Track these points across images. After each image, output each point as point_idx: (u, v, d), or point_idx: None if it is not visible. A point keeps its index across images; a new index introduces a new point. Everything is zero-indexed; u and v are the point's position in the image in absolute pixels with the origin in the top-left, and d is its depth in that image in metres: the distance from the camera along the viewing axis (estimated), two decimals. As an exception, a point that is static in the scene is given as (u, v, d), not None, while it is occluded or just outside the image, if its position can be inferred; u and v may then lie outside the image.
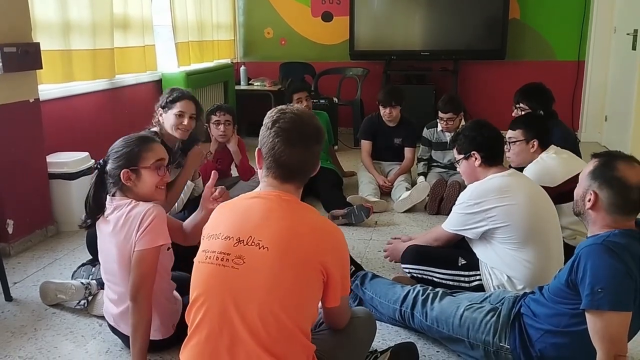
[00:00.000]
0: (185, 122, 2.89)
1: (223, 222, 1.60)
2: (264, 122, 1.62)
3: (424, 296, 2.23)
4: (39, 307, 2.61)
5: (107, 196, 2.13)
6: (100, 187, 2.13)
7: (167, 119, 2.89)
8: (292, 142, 1.56)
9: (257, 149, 1.63)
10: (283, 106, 1.65)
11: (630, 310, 1.65)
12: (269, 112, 1.63)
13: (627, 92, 5.23)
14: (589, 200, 1.76)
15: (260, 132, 1.62)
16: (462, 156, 2.58)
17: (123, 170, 2.05)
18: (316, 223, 1.58)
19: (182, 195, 3.05)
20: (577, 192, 1.84)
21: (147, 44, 4.77)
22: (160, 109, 2.90)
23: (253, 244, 1.50)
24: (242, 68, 6.60)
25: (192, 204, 3.07)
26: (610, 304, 1.63)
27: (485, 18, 6.14)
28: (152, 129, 2.91)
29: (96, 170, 2.15)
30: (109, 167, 2.09)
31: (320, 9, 6.69)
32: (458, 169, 2.70)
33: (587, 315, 1.69)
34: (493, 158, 2.51)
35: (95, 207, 2.13)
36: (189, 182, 3.09)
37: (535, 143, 2.88)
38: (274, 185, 1.61)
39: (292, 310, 1.50)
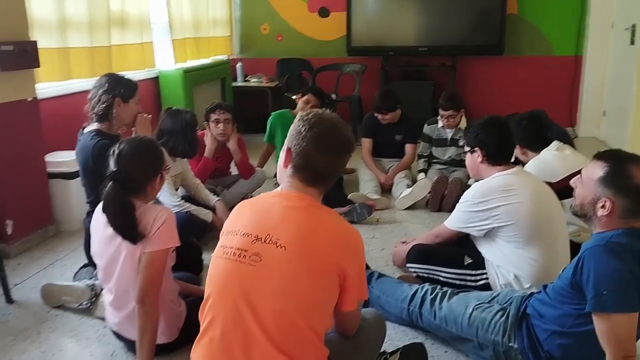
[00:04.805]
0: (140, 107, 2.93)
1: (242, 219, 1.62)
2: (297, 123, 1.65)
3: (433, 295, 2.22)
4: (41, 309, 2.58)
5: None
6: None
7: (129, 109, 2.84)
8: (327, 149, 1.61)
9: (286, 148, 1.65)
10: (319, 110, 1.71)
11: (636, 310, 1.65)
12: (303, 114, 1.67)
13: (625, 87, 5.23)
14: (603, 207, 1.73)
15: (292, 133, 1.64)
16: (467, 149, 2.57)
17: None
18: (335, 225, 1.60)
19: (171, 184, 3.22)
20: (584, 195, 1.80)
21: (145, 41, 4.73)
22: (117, 99, 2.78)
23: (271, 242, 1.51)
24: (238, 64, 6.56)
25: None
26: (615, 305, 1.63)
27: (483, 13, 6.12)
28: (90, 127, 2.80)
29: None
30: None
31: (316, 4, 6.64)
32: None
33: (594, 318, 1.68)
34: (497, 158, 2.49)
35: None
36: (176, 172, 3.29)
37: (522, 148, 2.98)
38: (297, 187, 1.63)
39: (306, 311, 1.49)
